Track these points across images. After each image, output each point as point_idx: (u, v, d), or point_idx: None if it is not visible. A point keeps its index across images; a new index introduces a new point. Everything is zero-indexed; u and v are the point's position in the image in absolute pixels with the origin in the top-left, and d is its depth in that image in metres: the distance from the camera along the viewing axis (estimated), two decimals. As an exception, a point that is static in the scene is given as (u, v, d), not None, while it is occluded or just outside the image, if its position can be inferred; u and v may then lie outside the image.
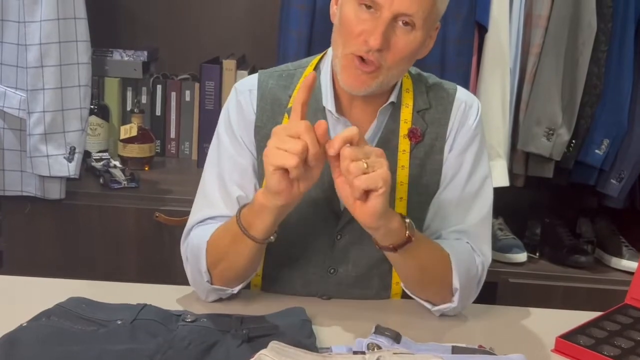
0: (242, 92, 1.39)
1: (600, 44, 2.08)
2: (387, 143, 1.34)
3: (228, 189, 1.35)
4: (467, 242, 1.35)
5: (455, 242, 1.34)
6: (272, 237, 1.24)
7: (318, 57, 1.41)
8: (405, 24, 1.22)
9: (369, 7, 1.21)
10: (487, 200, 1.38)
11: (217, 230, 1.29)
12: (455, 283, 1.29)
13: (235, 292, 1.31)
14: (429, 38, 1.30)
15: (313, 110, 1.34)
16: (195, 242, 1.32)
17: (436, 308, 1.32)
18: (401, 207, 1.34)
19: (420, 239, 1.25)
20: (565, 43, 2.06)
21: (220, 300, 1.33)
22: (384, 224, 1.16)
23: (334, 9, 1.32)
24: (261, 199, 1.18)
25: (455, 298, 1.30)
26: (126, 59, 2.47)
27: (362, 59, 1.23)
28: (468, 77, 2.10)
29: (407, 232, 1.19)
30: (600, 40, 2.08)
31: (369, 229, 1.18)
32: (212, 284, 1.30)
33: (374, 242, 1.23)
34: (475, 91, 2.09)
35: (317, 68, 1.39)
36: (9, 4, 1.92)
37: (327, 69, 1.36)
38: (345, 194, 1.14)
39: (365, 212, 1.13)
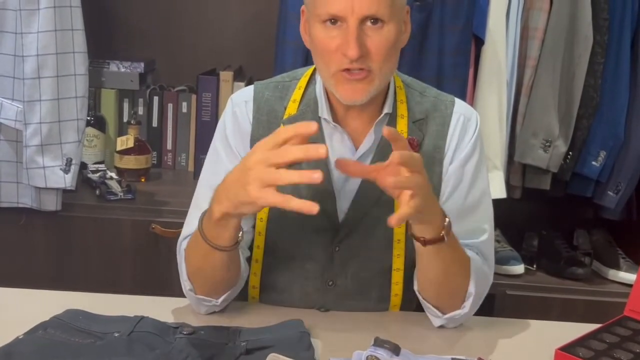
0: (238, 104, 1.39)
1: (596, 56, 2.09)
2: (385, 155, 1.34)
3: None
4: (477, 254, 1.35)
5: (468, 250, 1.33)
6: (239, 237, 1.21)
7: (312, 67, 1.41)
8: (374, 22, 1.23)
9: (333, 22, 1.23)
10: (488, 212, 1.39)
11: (189, 242, 1.29)
12: (471, 288, 1.29)
13: (218, 303, 1.29)
14: (404, 24, 1.31)
15: (310, 121, 1.34)
16: (181, 252, 1.32)
17: (446, 316, 1.31)
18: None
19: (453, 245, 1.25)
20: (561, 55, 2.07)
21: (217, 312, 1.32)
22: (427, 219, 1.17)
23: (305, 37, 1.33)
24: (228, 208, 1.12)
25: (467, 304, 1.29)
26: (123, 70, 2.47)
27: (349, 70, 1.24)
28: (465, 89, 2.10)
29: (443, 231, 1.19)
30: (596, 53, 2.09)
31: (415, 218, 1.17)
32: (195, 294, 1.29)
33: (410, 233, 1.22)
34: (472, 103, 2.09)
35: (311, 78, 1.39)
36: (6, 15, 1.92)
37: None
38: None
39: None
